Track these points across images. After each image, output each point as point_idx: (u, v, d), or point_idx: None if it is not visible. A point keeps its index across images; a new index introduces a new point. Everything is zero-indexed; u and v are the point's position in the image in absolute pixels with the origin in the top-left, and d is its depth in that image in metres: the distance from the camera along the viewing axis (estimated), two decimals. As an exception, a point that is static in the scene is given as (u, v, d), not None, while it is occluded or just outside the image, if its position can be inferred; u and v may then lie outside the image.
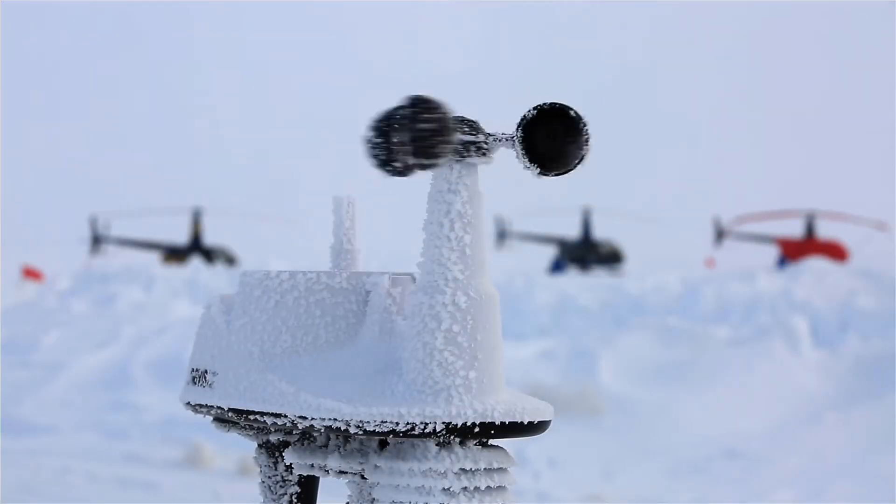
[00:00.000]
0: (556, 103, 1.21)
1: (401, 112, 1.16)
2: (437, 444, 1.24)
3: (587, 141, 1.21)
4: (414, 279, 1.32)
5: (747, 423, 8.95)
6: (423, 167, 1.18)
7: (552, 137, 1.21)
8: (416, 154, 1.17)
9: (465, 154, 1.22)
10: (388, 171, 1.18)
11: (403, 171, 1.18)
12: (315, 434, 1.32)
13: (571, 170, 1.22)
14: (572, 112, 1.21)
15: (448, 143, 1.18)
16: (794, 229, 36.77)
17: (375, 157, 1.17)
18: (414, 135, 1.16)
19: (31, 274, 26.78)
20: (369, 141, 1.17)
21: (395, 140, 1.16)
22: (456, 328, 1.22)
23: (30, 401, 10.06)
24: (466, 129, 1.22)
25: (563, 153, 1.21)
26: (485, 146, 1.23)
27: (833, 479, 7.54)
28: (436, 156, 1.17)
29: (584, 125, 1.21)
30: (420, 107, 1.17)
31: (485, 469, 1.25)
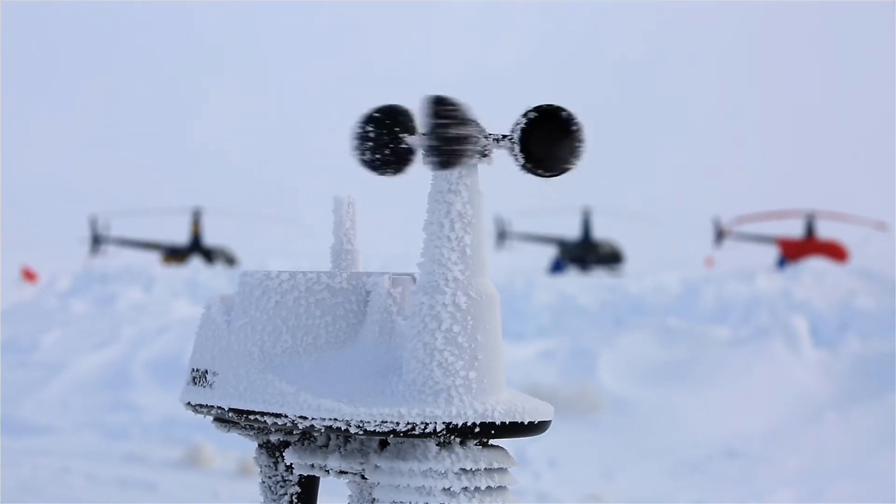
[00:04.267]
0: (550, 105, 1.21)
1: (430, 114, 1.18)
2: (437, 445, 1.24)
3: (582, 142, 1.22)
4: (414, 279, 1.32)
5: (747, 423, 8.95)
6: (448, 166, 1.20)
7: (547, 139, 1.21)
8: (445, 156, 1.19)
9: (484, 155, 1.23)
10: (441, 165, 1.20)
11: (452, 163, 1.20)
12: (315, 434, 1.32)
13: (567, 171, 1.23)
14: (565, 113, 1.21)
15: (471, 145, 1.20)
16: (794, 229, 36.76)
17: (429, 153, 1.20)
18: (443, 139, 1.18)
19: (28, 275, 26.78)
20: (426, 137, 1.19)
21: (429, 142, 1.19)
22: (456, 328, 1.22)
23: (30, 401, 10.06)
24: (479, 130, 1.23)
25: (558, 154, 1.22)
26: (486, 147, 1.23)
27: (833, 479, 7.54)
28: (461, 159, 1.20)
29: (578, 126, 1.21)
30: (447, 110, 1.18)
31: (485, 469, 1.25)
